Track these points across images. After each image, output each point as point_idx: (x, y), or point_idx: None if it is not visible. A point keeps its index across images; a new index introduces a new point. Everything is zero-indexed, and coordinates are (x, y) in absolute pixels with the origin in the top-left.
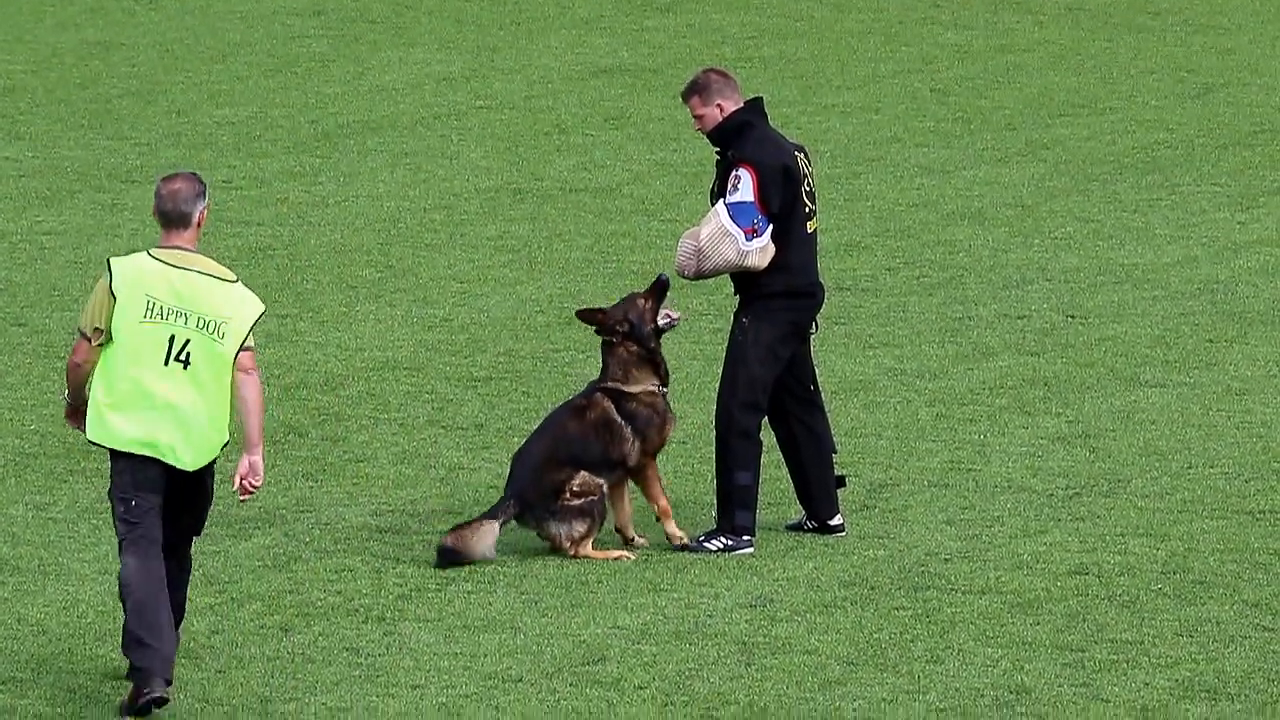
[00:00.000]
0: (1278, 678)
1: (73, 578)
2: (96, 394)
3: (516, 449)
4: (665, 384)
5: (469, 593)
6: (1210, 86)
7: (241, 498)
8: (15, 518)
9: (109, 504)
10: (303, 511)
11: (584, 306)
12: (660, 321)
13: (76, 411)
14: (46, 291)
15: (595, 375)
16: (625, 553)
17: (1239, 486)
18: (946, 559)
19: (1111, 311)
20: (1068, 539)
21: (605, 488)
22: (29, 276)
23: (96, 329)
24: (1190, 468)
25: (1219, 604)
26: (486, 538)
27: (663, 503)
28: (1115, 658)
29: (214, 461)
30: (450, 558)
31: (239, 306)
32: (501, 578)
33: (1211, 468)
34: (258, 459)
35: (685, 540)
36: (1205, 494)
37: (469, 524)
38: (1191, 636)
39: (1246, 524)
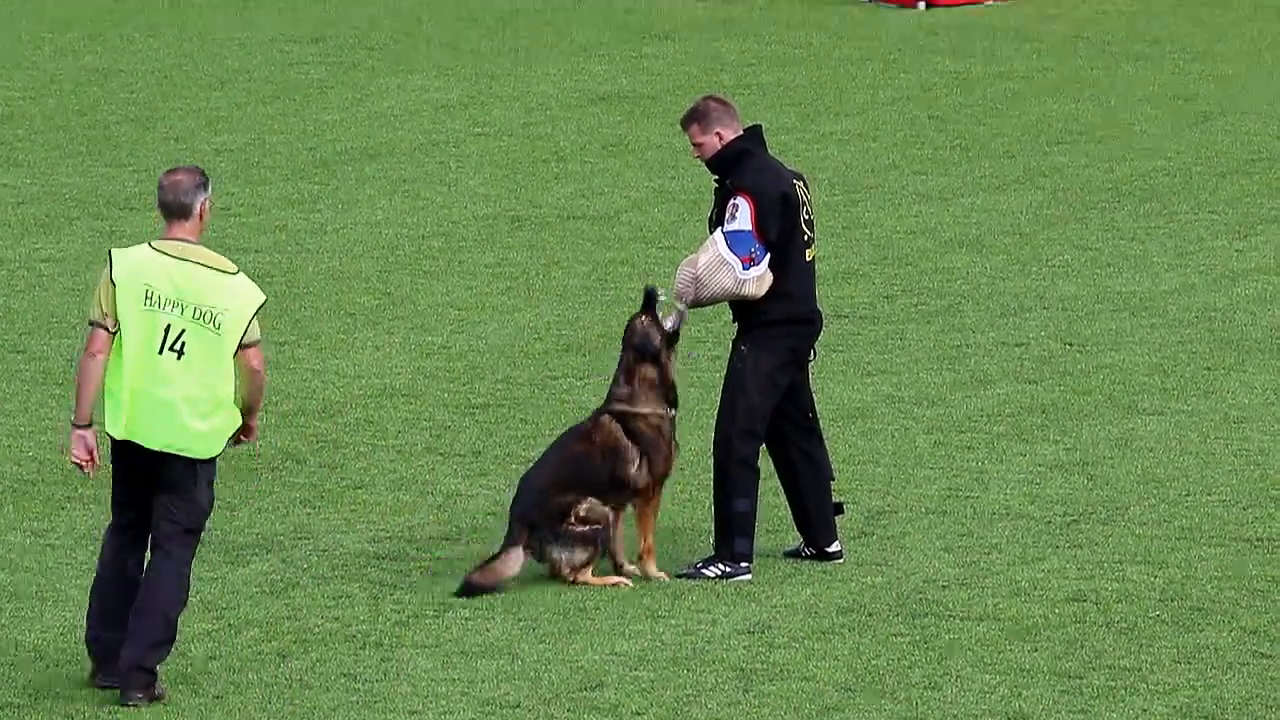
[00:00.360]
0: (1275, 705)
1: (70, 604)
2: (107, 383)
3: (521, 475)
4: (674, 407)
5: (467, 619)
6: (1208, 115)
7: (233, 445)
8: (13, 544)
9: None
10: (300, 538)
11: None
12: (667, 326)
13: (83, 442)
14: (45, 319)
15: (593, 403)
16: (623, 579)
17: (1237, 514)
18: (944, 586)
19: (1109, 339)
20: (1066, 566)
21: (612, 518)
22: (27, 304)
23: (107, 315)
24: (1188, 495)
25: (1217, 631)
26: (514, 565)
27: (649, 541)
28: (1113, 684)
29: (207, 464)
30: (476, 591)
31: (237, 297)
32: (499, 604)
33: (1209, 495)
34: (253, 421)
35: (664, 578)
36: (1203, 521)
37: (495, 556)
38: (1189, 663)
39: (1244, 551)
